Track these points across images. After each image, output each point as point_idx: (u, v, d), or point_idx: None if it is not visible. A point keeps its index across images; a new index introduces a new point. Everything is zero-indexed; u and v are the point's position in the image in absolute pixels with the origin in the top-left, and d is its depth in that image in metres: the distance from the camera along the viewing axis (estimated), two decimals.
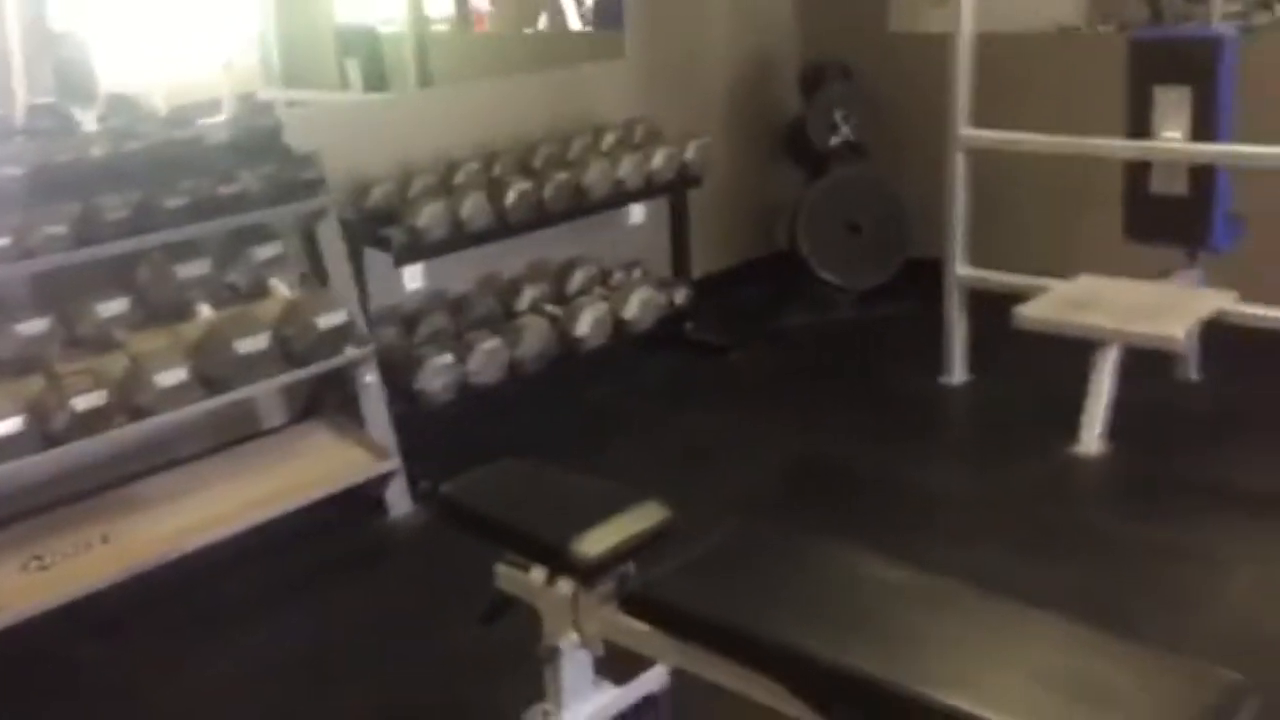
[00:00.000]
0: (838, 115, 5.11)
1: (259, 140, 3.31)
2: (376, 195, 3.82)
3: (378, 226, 3.73)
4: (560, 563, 2.24)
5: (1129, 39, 3.86)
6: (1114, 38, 4.63)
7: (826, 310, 5.12)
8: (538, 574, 2.29)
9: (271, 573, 3.18)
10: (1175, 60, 3.69)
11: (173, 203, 2.96)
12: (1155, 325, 3.52)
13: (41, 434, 2.73)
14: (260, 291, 3.30)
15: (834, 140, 5.14)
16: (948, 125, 4.10)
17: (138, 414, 2.90)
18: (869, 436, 3.95)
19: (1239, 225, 3.96)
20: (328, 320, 3.21)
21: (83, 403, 2.76)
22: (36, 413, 2.72)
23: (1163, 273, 3.98)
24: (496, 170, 4.11)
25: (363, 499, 3.46)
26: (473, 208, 3.81)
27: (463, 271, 4.34)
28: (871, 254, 5.17)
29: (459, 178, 4.01)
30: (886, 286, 5.16)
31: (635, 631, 2.17)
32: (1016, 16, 4.97)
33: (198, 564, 3.06)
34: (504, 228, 3.94)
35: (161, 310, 3.10)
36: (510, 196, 3.91)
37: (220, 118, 3.62)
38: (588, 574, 2.19)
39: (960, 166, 4.14)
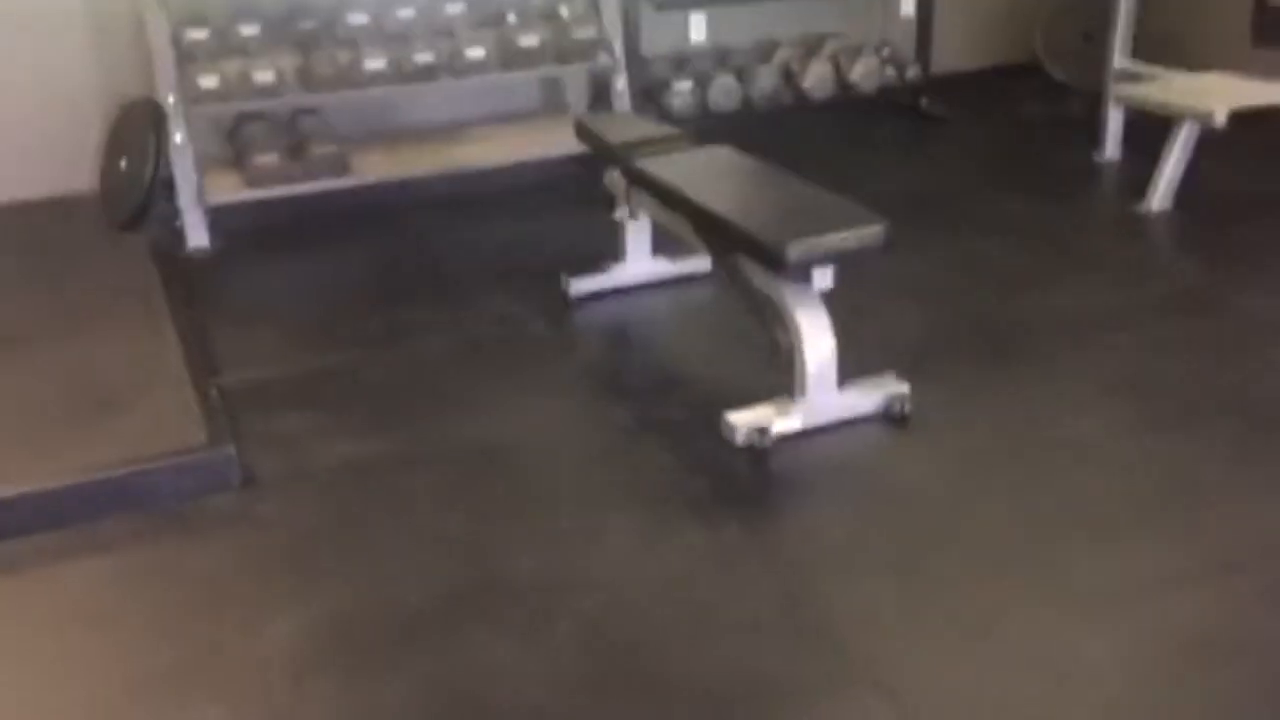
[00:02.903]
0: None
1: None
2: None
3: None
4: (620, 162, 3.79)
5: None
6: None
7: (1053, 105, 5.98)
8: (614, 172, 3.87)
9: (525, 193, 4.96)
10: None
11: None
12: (1205, 105, 4.28)
13: (398, 74, 4.65)
14: (552, 12, 5.00)
15: None
16: None
17: (456, 74, 4.75)
18: (1010, 184, 5.00)
19: None
20: (583, 32, 4.86)
21: (420, 59, 4.64)
22: (394, 61, 4.64)
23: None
24: None
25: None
26: None
27: (743, 31, 5.79)
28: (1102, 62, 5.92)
29: None
30: None
31: (638, 196, 3.71)
32: None
33: (487, 177, 4.92)
34: None
35: (485, 15, 4.90)
36: None
37: None
38: (626, 167, 3.73)
39: None
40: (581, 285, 3.99)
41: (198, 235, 4.58)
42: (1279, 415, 3.13)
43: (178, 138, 4.49)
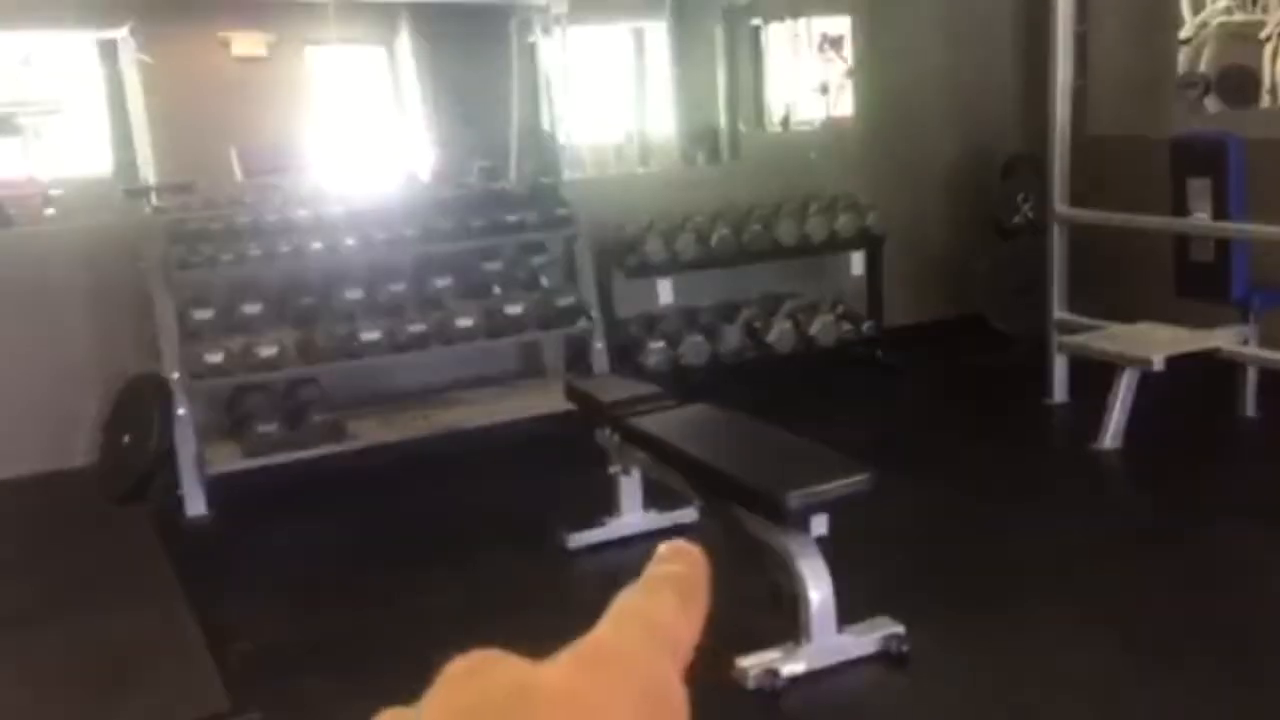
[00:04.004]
0: (1020, 199, 6.43)
1: (540, 192, 5.42)
2: (626, 231, 5.78)
3: (622, 253, 5.70)
4: (612, 421, 4.04)
5: (1169, 141, 5.00)
6: None
7: (998, 353, 6.40)
8: (604, 430, 4.10)
9: (512, 452, 5.18)
10: (1198, 156, 4.81)
11: (478, 223, 5.11)
12: (1144, 352, 4.66)
13: (392, 344, 4.94)
14: (533, 283, 5.37)
15: (1016, 219, 6.46)
16: (1049, 204, 5.41)
17: (446, 342, 5.05)
18: (969, 429, 5.32)
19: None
20: (564, 301, 5.21)
21: (413, 329, 4.93)
22: (388, 331, 4.93)
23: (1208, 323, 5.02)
24: (718, 222, 5.93)
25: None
26: (683, 244, 5.68)
27: (708, 293, 6.21)
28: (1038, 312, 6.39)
29: (687, 224, 5.87)
30: None
31: (628, 451, 3.93)
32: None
33: (477, 437, 5.13)
34: (710, 260, 5.78)
35: (471, 287, 5.25)
36: (714, 239, 5.74)
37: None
38: (615, 424, 3.97)
39: (1057, 235, 5.42)
40: (580, 538, 4.16)
41: (196, 504, 4.70)
42: (1250, 643, 3.33)
43: (180, 411, 4.69)
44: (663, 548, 0.45)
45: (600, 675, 0.35)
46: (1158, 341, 4.80)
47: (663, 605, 0.40)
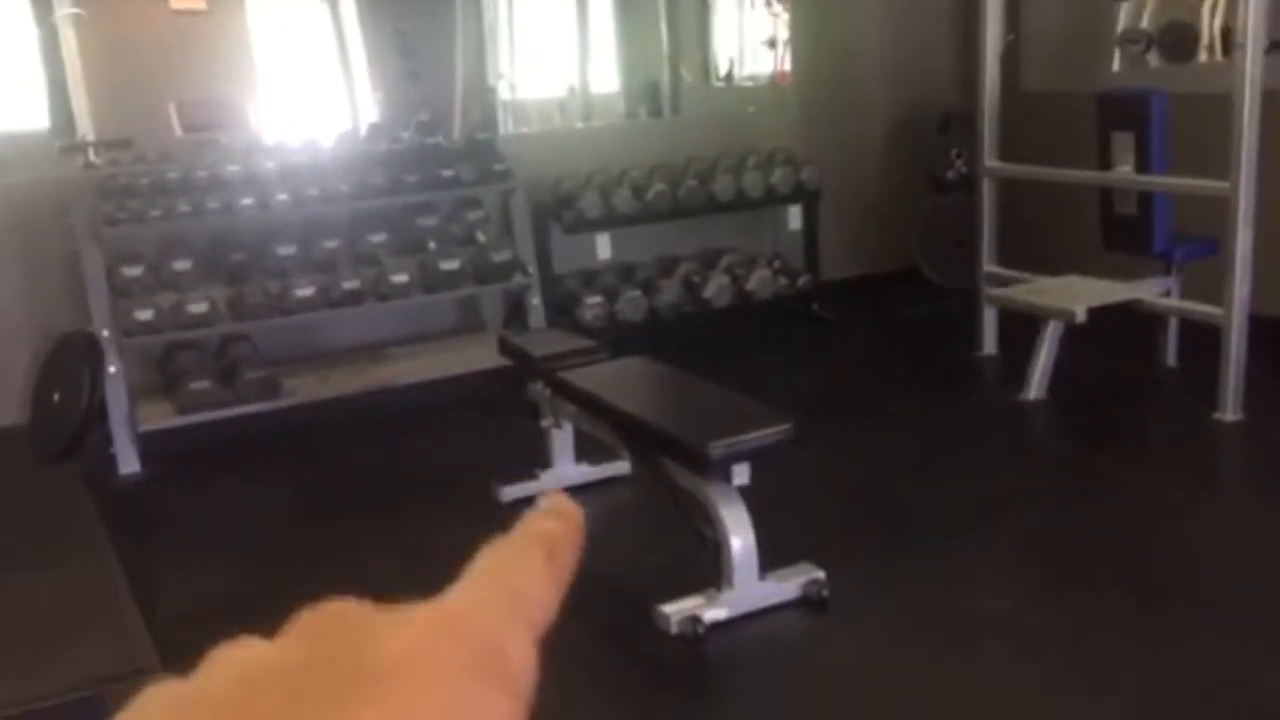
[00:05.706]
0: (954, 154, 6.50)
1: (477, 147, 5.40)
2: (564, 187, 5.79)
3: (560, 208, 5.71)
4: (544, 375, 4.07)
5: (1095, 95, 5.08)
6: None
7: (932, 306, 6.50)
8: (536, 383, 4.14)
9: (448, 408, 5.20)
10: (1123, 111, 4.89)
11: (412, 178, 5.09)
12: (1067, 304, 4.76)
13: (326, 300, 4.93)
14: (470, 238, 5.37)
15: (951, 174, 6.53)
16: (979, 158, 5.48)
17: (381, 298, 5.04)
18: (900, 380, 5.41)
19: (1203, 244, 5.01)
20: (500, 256, 5.22)
21: (347, 285, 4.92)
22: (322, 287, 4.91)
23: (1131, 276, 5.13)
24: (655, 177, 5.95)
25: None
26: (620, 199, 5.70)
27: (647, 249, 6.23)
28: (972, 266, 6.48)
29: (625, 179, 5.89)
30: None
31: (559, 404, 3.97)
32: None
33: (413, 392, 5.15)
34: (647, 215, 5.80)
35: (407, 243, 5.24)
36: (650, 194, 5.76)
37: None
38: (546, 377, 4.01)
39: (986, 188, 5.49)
40: (512, 491, 4.20)
41: (129, 462, 4.69)
42: (1169, 582, 3.44)
43: (111, 369, 4.66)
44: (543, 500, 0.41)
45: (450, 646, 0.34)
46: (1081, 294, 4.90)
47: (530, 570, 0.38)
